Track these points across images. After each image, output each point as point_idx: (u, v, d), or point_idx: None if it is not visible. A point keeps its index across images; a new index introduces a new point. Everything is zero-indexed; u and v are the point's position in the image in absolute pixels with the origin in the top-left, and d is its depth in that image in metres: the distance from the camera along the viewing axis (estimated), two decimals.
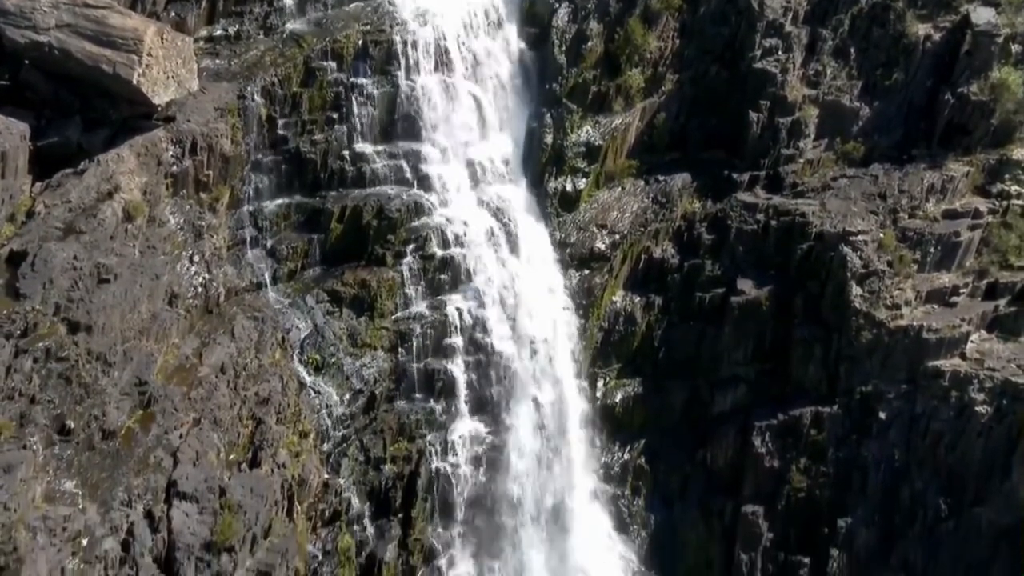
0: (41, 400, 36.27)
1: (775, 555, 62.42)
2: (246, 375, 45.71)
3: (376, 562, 52.52)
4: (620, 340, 63.46)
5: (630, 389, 64.05)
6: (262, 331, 47.39)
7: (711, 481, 64.02)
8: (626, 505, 63.64)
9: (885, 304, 61.14)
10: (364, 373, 52.81)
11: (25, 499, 34.03)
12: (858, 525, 61.34)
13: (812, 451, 62.11)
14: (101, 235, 40.24)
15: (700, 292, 63.61)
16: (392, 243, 54.05)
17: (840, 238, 61.45)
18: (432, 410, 55.38)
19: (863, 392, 61.51)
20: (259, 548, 43.73)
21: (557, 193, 61.03)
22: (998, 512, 59.28)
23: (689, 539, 63.94)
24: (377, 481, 53.11)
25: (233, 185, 49.25)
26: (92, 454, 37.56)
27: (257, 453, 45.08)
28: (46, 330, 37.10)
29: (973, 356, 61.31)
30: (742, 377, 63.91)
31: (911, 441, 60.90)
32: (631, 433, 64.22)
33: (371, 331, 53.42)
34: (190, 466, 40.68)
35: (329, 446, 51.21)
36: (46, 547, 33.82)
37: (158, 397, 40.75)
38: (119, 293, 39.87)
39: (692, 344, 64.08)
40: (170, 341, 43.04)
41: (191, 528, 39.75)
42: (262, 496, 43.40)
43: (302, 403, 49.10)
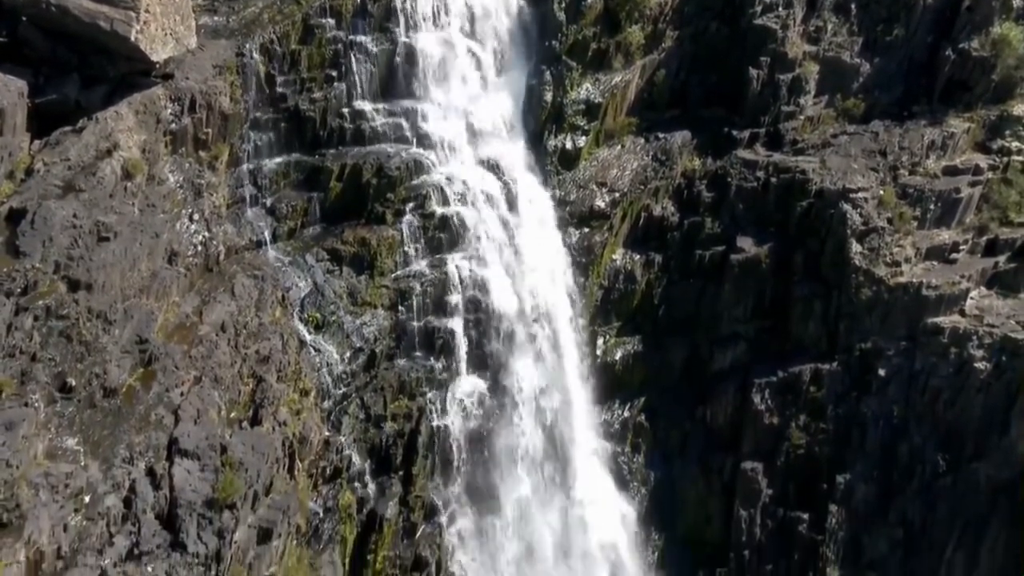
0: (42, 358, 36.35)
1: (774, 511, 62.69)
2: (246, 333, 45.77)
3: (377, 519, 52.68)
4: (620, 298, 63.49)
5: (630, 347, 64.11)
6: (262, 289, 47.45)
7: (711, 438, 64.21)
8: (626, 462, 63.83)
9: (885, 261, 61.11)
10: (364, 331, 52.82)
11: (27, 456, 34.17)
12: (857, 481, 61.55)
13: (811, 408, 62.25)
14: (100, 193, 40.21)
15: (700, 250, 63.62)
16: (392, 201, 53.97)
17: (840, 195, 61.39)
18: (432, 368, 55.38)
19: (862, 349, 61.59)
20: (260, 505, 43.89)
21: (557, 151, 60.92)
22: (996, 467, 59.45)
23: (689, 495, 64.20)
24: (378, 439, 53.21)
25: (232, 143, 49.16)
26: (93, 412, 37.66)
27: (258, 411, 45.20)
28: (46, 288, 37.15)
29: (972, 313, 61.32)
30: (742, 334, 63.97)
31: (910, 397, 61.01)
32: (631, 391, 64.32)
33: (371, 289, 53.39)
34: (191, 424, 40.78)
35: (330, 404, 51.29)
36: (48, 504, 33.97)
37: (159, 355, 40.82)
38: (119, 251, 39.87)
39: (692, 302, 64.12)
40: (170, 299, 43.07)
41: (193, 485, 39.87)
42: (263, 453, 43.52)
43: (302, 361, 49.18)
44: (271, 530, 43.93)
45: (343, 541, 51.35)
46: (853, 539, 61.56)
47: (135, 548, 37.25)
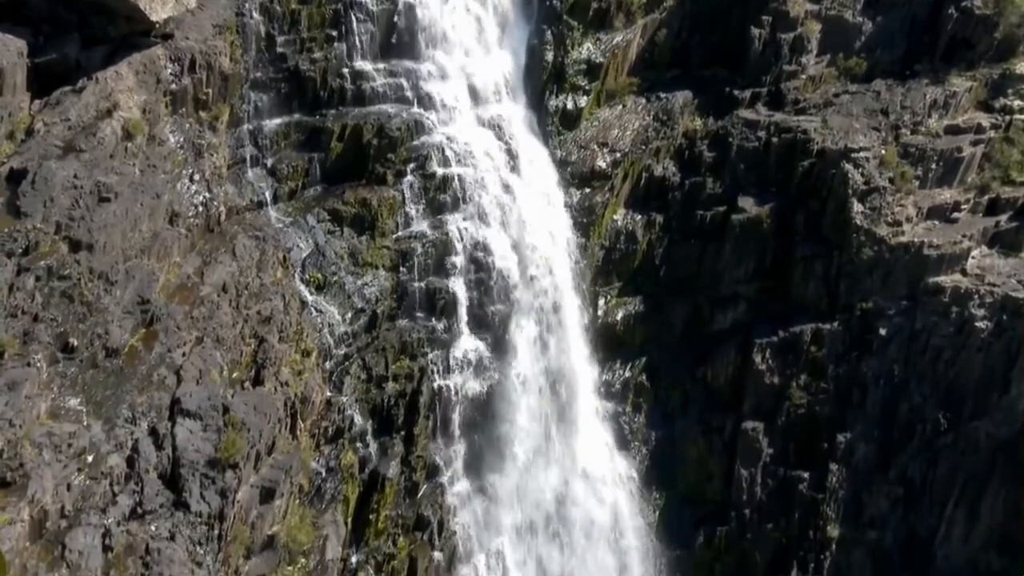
0: (44, 318, 36.46)
1: (775, 470, 62.89)
2: (248, 294, 45.82)
3: (379, 478, 52.89)
4: (621, 258, 63.51)
5: (631, 307, 64.18)
6: (263, 250, 47.47)
7: (711, 398, 64.35)
8: (627, 422, 64.00)
9: (886, 221, 61.03)
10: (366, 292, 52.88)
11: (30, 416, 34.32)
12: (857, 440, 61.71)
13: (812, 368, 62.33)
14: (101, 153, 40.20)
15: (701, 210, 63.55)
16: (392, 162, 53.92)
17: (842, 155, 61.27)
18: (434, 328, 55.47)
19: (863, 309, 61.60)
20: (263, 465, 44.08)
21: (558, 111, 60.82)
22: (996, 426, 59.58)
23: (689, 455, 64.39)
24: (379, 399, 53.34)
25: (232, 103, 49.06)
26: (96, 372, 37.77)
27: (260, 371, 45.32)
28: (47, 248, 37.21)
29: (974, 272, 61.26)
30: (743, 295, 63.98)
31: (911, 357, 61.07)
32: (632, 351, 64.44)
33: (372, 250, 53.40)
34: (193, 384, 40.92)
35: (331, 364, 51.39)
36: (52, 463, 34.13)
37: (160, 316, 40.91)
38: (120, 212, 39.89)
39: (693, 262, 64.12)
40: (171, 260, 43.09)
41: (195, 445, 40.03)
42: (265, 414, 43.66)
43: (304, 322, 49.26)
44: (274, 489, 44.13)
45: (345, 500, 51.56)
46: (853, 497, 61.79)
47: (138, 507, 37.45)
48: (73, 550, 34.27)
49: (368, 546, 53.10)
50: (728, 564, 63.68)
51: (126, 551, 36.39)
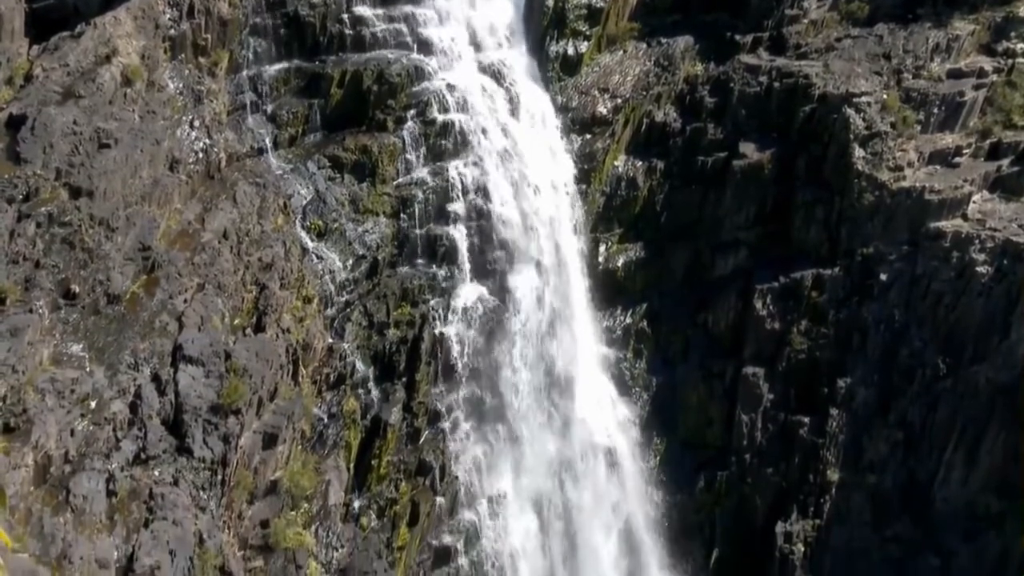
0: (45, 264, 36.49)
1: (775, 415, 63.08)
2: (249, 240, 45.84)
3: (381, 424, 53.09)
4: (622, 205, 63.44)
5: (632, 253, 64.17)
6: (264, 197, 47.46)
7: (712, 343, 64.47)
8: (628, 368, 64.16)
9: (887, 166, 60.86)
10: (366, 239, 52.87)
11: (32, 362, 34.42)
12: (857, 385, 61.84)
13: (813, 313, 62.36)
14: (100, 99, 40.11)
15: (702, 156, 63.40)
16: (392, 108, 53.76)
17: (843, 99, 61.03)
18: (434, 275, 55.51)
19: (864, 254, 61.53)
20: (266, 411, 44.27)
21: (558, 57, 60.57)
22: (996, 370, 59.62)
23: (690, 400, 64.59)
24: (381, 345, 53.43)
25: (232, 49, 48.88)
26: (98, 318, 37.86)
27: (261, 318, 45.41)
28: (48, 195, 37.20)
29: (975, 217, 61.11)
30: (743, 240, 63.93)
31: (911, 302, 61.06)
32: (633, 297, 64.50)
33: (373, 197, 53.35)
34: (195, 330, 41.00)
35: (333, 311, 51.48)
36: (55, 408, 34.25)
37: (162, 262, 40.95)
38: (120, 158, 39.85)
39: (694, 208, 64.02)
40: (172, 206, 43.08)
41: (198, 391, 40.16)
42: (267, 360, 43.78)
43: (305, 269, 49.29)
44: (276, 435, 44.34)
45: (347, 446, 51.80)
46: (853, 442, 62.00)
47: (142, 452, 37.62)
48: (77, 495, 34.46)
49: (370, 491, 53.38)
50: (728, 508, 64.05)
51: (130, 496, 36.59)
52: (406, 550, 54.76)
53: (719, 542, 64.61)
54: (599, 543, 61.50)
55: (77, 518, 34.24)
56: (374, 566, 51.23)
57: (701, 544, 64.68)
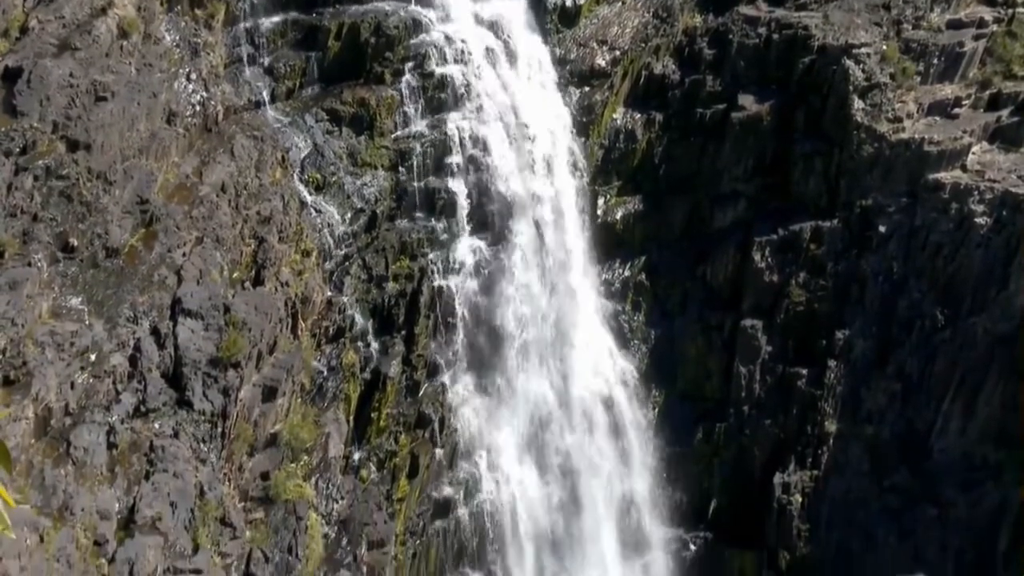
0: (43, 218, 36.55)
1: (773, 367, 63.22)
2: (247, 194, 45.86)
3: (380, 377, 53.25)
4: (621, 157, 63.26)
5: (631, 206, 64.05)
6: (262, 150, 47.41)
7: (711, 296, 64.50)
8: (626, 320, 64.21)
9: (887, 117, 60.69)
10: (365, 192, 52.81)
11: (31, 315, 34.55)
12: (856, 336, 61.92)
13: (811, 265, 62.34)
14: (96, 52, 39.99)
15: (701, 108, 63.09)
16: (390, 61, 53.53)
17: (843, 51, 60.74)
18: (433, 229, 55.45)
19: (863, 206, 61.44)
20: (265, 364, 44.49)
21: (556, 8, 60.19)
22: (994, 321, 59.70)
23: (688, 353, 64.69)
24: (380, 299, 53.51)
25: (228, 1, 48.60)
26: (96, 271, 37.96)
27: (260, 271, 45.54)
28: (45, 148, 37.19)
29: (974, 168, 60.98)
30: (742, 193, 63.80)
31: (910, 253, 61.03)
32: (631, 250, 64.43)
33: (371, 150, 53.23)
34: (194, 284, 41.15)
35: (331, 264, 51.49)
36: (54, 361, 34.43)
37: (160, 216, 41.00)
38: (117, 111, 39.79)
39: (693, 160, 63.85)
40: (170, 160, 43.06)
41: (197, 344, 40.37)
42: (266, 313, 43.97)
43: (303, 222, 49.32)
44: (276, 388, 44.61)
45: (347, 399, 51.97)
46: (851, 393, 62.18)
47: (142, 405, 37.89)
48: (78, 447, 34.72)
49: (370, 444, 53.64)
50: (727, 459, 64.33)
51: (130, 448, 36.88)
52: (406, 502, 55.11)
53: (717, 493, 65.01)
54: (598, 494, 61.81)
55: (78, 470, 34.50)
56: (374, 517, 51.62)
57: (699, 495, 65.04)
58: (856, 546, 62.75)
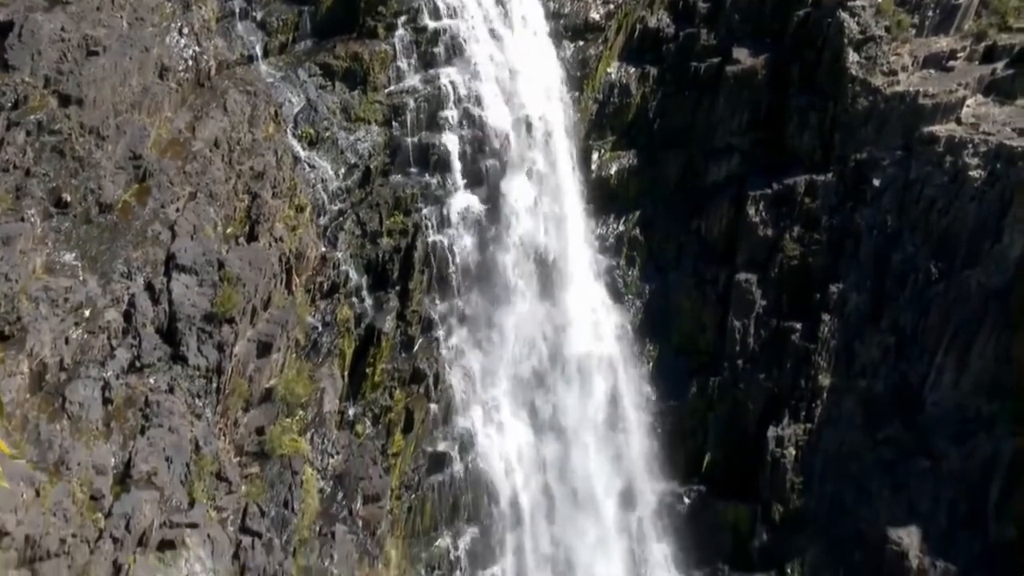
0: (36, 173, 36.45)
1: (767, 321, 63.33)
2: (240, 149, 45.73)
3: (375, 333, 53.28)
4: (615, 112, 63.14)
5: (625, 161, 63.96)
6: (255, 105, 47.23)
7: (705, 250, 64.51)
8: (621, 275, 64.27)
9: (882, 70, 60.49)
10: (358, 147, 52.67)
11: (25, 270, 34.53)
12: (849, 290, 61.98)
13: (805, 219, 62.32)
14: (87, 5, 39.79)
15: (695, 62, 62.91)
16: (383, 15, 53.24)
17: (837, 3, 60.47)
18: (427, 184, 55.32)
19: (857, 159, 61.36)
20: (259, 319, 44.53)
21: None
22: (988, 274, 59.73)
23: (683, 307, 64.74)
24: (374, 254, 53.46)
25: None
26: (90, 227, 37.91)
27: (254, 227, 45.49)
28: (37, 102, 37.07)
29: (968, 121, 60.84)
30: (736, 147, 63.70)
31: (904, 207, 60.99)
32: (626, 204, 64.38)
33: (364, 105, 53.04)
34: (188, 239, 41.11)
35: (325, 220, 51.43)
36: (49, 317, 34.45)
37: (153, 171, 40.90)
38: (109, 66, 39.61)
39: (687, 114, 63.74)
40: (162, 115, 42.90)
41: (191, 300, 40.38)
42: (260, 269, 43.97)
43: (297, 177, 49.21)
44: (270, 344, 44.68)
45: (341, 354, 52.04)
46: (845, 347, 62.31)
47: (136, 361, 37.94)
48: (73, 402, 34.81)
49: (365, 399, 53.73)
50: (721, 413, 64.53)
51: (126, 403, 36.95)
52: (401, 457, 55.28)
53: (711, 446, 65.23)
54: (592, 448, 62.05)
55: (73, 425, 34.60)
56: (369, 472, 51.83)
57: (694, 448, 65.31)
58: (849, 498, 63.09)
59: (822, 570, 63.32)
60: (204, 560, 37.14)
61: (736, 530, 65.12)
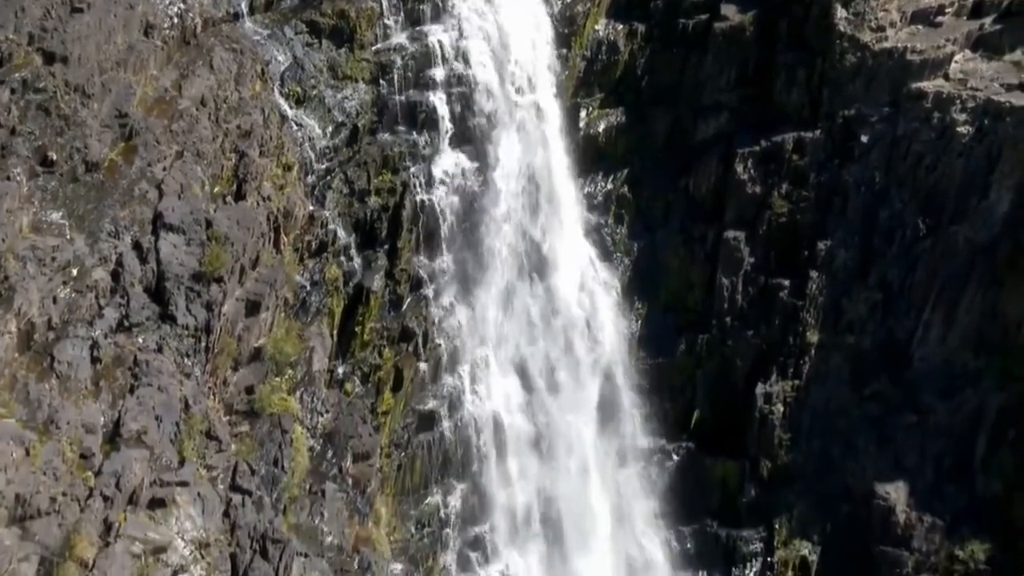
0: (21, 131, 36.37)
1: (755, 278, 63.38)
2: (227, 108, 45.62)
3: (364, 292, 53.28)
4: (603, 69, 62.87)
5: (613, 118, 63.72)
6: (241, 63, 47.06)
7: (693, 208, 64.44)
8: (609, 233, 64.18)
9: (870, 26, 60.31)
10: (346, 105, 52.49)
11: (12, 229, 34.51)
12: (837, 247, 62.04)
13: (793, 176, 62.29)
14: None
15: (683, 18, 62.57)
16: None
17: None
18: (415, 142, 55.20)
19: (845, 116, 61.29)
20: (248, 278, 44.55)
21: None
22: (975, 230, 59.89)
23: (671, 265, 64.70)
24: (362, 213, 53.40)
25: None
26: (76, 186, 37.86)
27: (241, 186, 45.47)
28: (21, 60, 36.97)
29: (956, 77, 60.74)
30: (725, 104, 63.51)
31: (892, 163, 60.98)
32: (614, 162, 64.22)
33: (351, 63, 52.83)
34: (175, 198, 41.08)
35: (313, 179, 51.30)
36: (36, 276, 34.45)
37: (139, 129, 40.81)
38: (93, 23, 39.45)
39: (675, 71, 63.48)
40: (148, 73, 42.73)
41: (179, 259, 40.40)
42: (248, 228, 43.99)
43: (284, 136, 49.08)
44: (259, 303, 44.74)
45: (330, 313, 52.07)
46: (833, 303, 62.44)
47: (125, 320, 37.96)
48: (62, 361, 34.86)
49: (354, 357, 53.81)
50: (709, 370, 64.70)
51: (114, 362, 37.00)
52: (390, 415, 55.43)
53: (700, 404, 65.41)
54: (581, 406, 62.25)
55: (62, 384, 34.67)
56: (359, 430, 52.00)
57: (682, 406, 65.46)
58: (837, 454, 63.45)
59: (809, 525, 63.80)
60: (194, 518, 37.32)
61: (724, 486, 65.46)
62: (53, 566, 31.27)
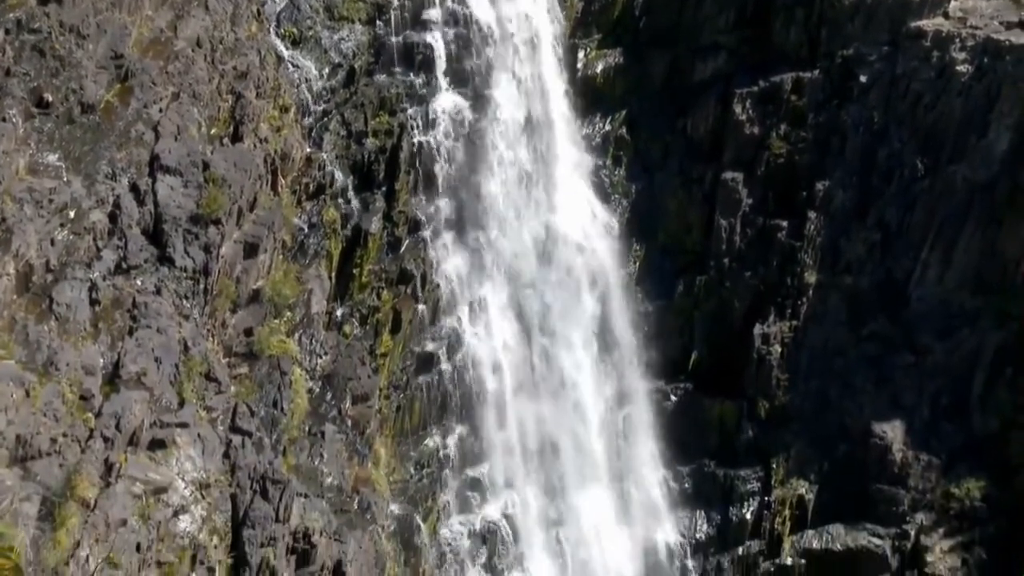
0: (16, 72, 36.08)
1: (753, 219, 63.42)
2: (223, 49, 45.28)
3: (362, 234, 53.21)
4: (601, 9, 62.57)
5: (611, 59, 63.46)
6: (236, 3, 46.66)
7: (691, 149, 64.36)
8: (607, 175, 64.10)
9: None
10: (342, 47, 52.23)
11: (9, 171, 34.37)
12: (836, 187, 62.06)
13: (792, 116, 62.23)
14: None
15: None
16: None
17: None
18: (412, 84, 54.98)
19: (844, 56, 61.13)
20: (245, 221, 44.44)
21: None
22: (974, 169, 59.90)
23: (669, 206, 64.67)
24: (360, 155, 53.25)
25: None
26: (73, 127, 37.64)
27: (238, 127, 45.20)
28: (15, 1, 36.60)
29: (956, 15, 60.52)
30: (723, 44, 63.31)
31: (890, 103, 60.88)
32: (612, 104, 64.04)
33: (348, 3, 52.57)
34: (172, 140, 40.88)
35: (310, 120, 51.15)
36: (34, 218, 34.35)
37: (135, 71, 40.52)
38: None
39: (674, 11, 63.22)
40: (143, 13, 42.34)
41: (176, 201, 40.25)
42: (245, 170, 43.78)
43: (281, 77, 48.85)
44: (257, 245, 44.60)
45: (328, 256, 52.03)
46: (831, 244, 62.55)
47: (123, 262, 37.87)
48: (60, 303, 34.81)
49: (352, 299, 53.85)
50: (707, 311, 64.84)
51: (113, 304, 36.95)
52: (389, 357, 55.54)
53: (698, 345, 65.62)
54: (579, 346, 62.45)
55: (61, 326, 34.65)
56: (358, 372, 52.08)
57: (680, 347, 65.65)
58: (834, 394, 63.75)
59: (806, 464, 64.19)
60: (195, 459, 37.46)
61: (722, 426, 65.74)
62: (55, 506, 31.39)
